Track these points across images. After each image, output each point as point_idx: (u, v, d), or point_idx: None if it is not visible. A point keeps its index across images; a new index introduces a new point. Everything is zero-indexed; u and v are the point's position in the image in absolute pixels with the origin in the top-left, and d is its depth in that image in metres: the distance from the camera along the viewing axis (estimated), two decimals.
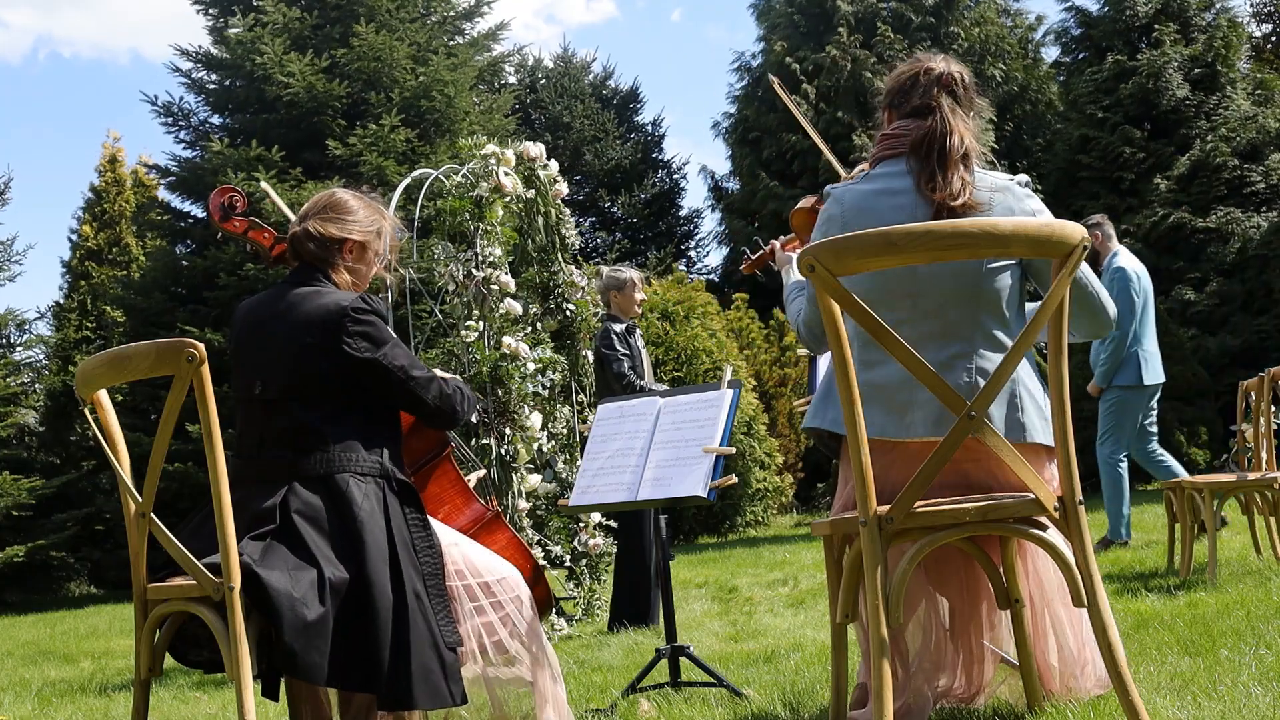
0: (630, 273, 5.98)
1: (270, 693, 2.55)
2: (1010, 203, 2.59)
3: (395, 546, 2.47)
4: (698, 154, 42.68)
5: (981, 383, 2.47)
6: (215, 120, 14.66)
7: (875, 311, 2.40)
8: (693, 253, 24.19)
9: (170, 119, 14.47)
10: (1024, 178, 2.68)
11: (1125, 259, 6.49)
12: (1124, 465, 6.44)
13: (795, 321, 2.86)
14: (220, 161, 12.68)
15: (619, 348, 5.81)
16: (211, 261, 12.71)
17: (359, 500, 2.48)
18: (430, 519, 2.65)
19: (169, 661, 2.66)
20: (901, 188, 2.58)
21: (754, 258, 3.72)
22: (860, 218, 2.57)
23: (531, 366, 5.54)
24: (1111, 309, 2.68)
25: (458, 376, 2.81)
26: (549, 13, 41.15)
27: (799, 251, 2.28)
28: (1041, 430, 2.53)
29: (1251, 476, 4.89)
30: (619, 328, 5.89)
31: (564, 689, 2.82)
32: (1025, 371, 2.59)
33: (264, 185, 3.27)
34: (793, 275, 3.11)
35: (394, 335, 2.64)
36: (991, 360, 2.51)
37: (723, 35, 43.93)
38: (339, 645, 2.36)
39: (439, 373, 2.78)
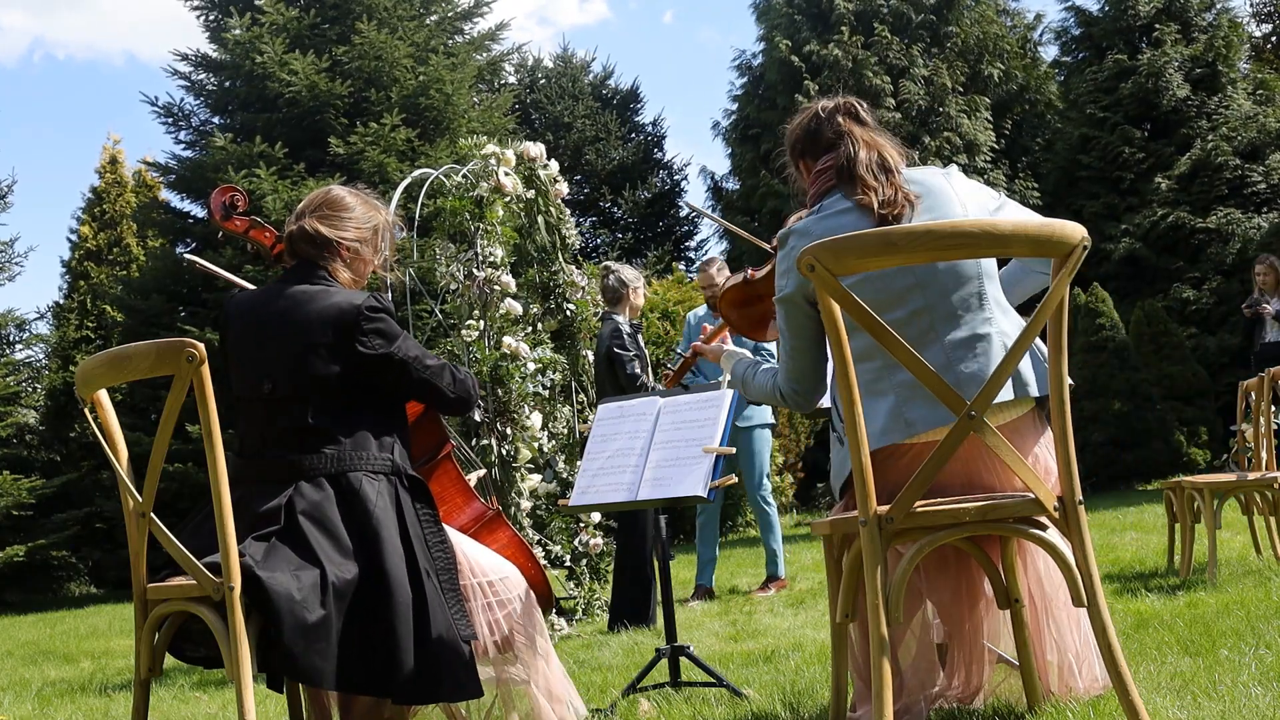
0: (637, 272, 6.08)
1: (276, 685, 2.55)
2: (958, 184, 2.68)
3: (410, 543, 2.48)
4: (693, 156, 42.69)
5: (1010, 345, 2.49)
6: (216, 120, 14.67)
7: (889, 311, 2.43)
8: (693, 253, 24.19)
9: (171, 119, 14.47)
10: (954, 166, 2.78)
11: None
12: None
13: (770, 389, 2.81)
14: (223, 158, 12.69)
15: (630, 348, 5.84)
16: (211, 261, 12.69)
17: (373, 498, 2.48)
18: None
19: (169, 661, 2.66)
20: (848, 207, 2.63)
21: (675, 369, 3.65)
22: (830, 238, 2.59)
23: (531, 366, 5.54)
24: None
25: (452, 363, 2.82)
26: (541, 14, 41.16)
27: (798, 255, 2.27)
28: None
29: (1251, 476, 4.89)
30: (626, 326, 5.92)
31: (569, 685, 2.82)
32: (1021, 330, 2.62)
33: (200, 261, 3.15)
34: (735, 355, 3.06)
35: (404, 330, 2.65)
36: (1006, 323, 2.58)
37: (715, 37, 43.94)
38: (353, 649, 2.36)
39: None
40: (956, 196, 2.63)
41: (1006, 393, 2.51)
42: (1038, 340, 2.59)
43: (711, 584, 6.52)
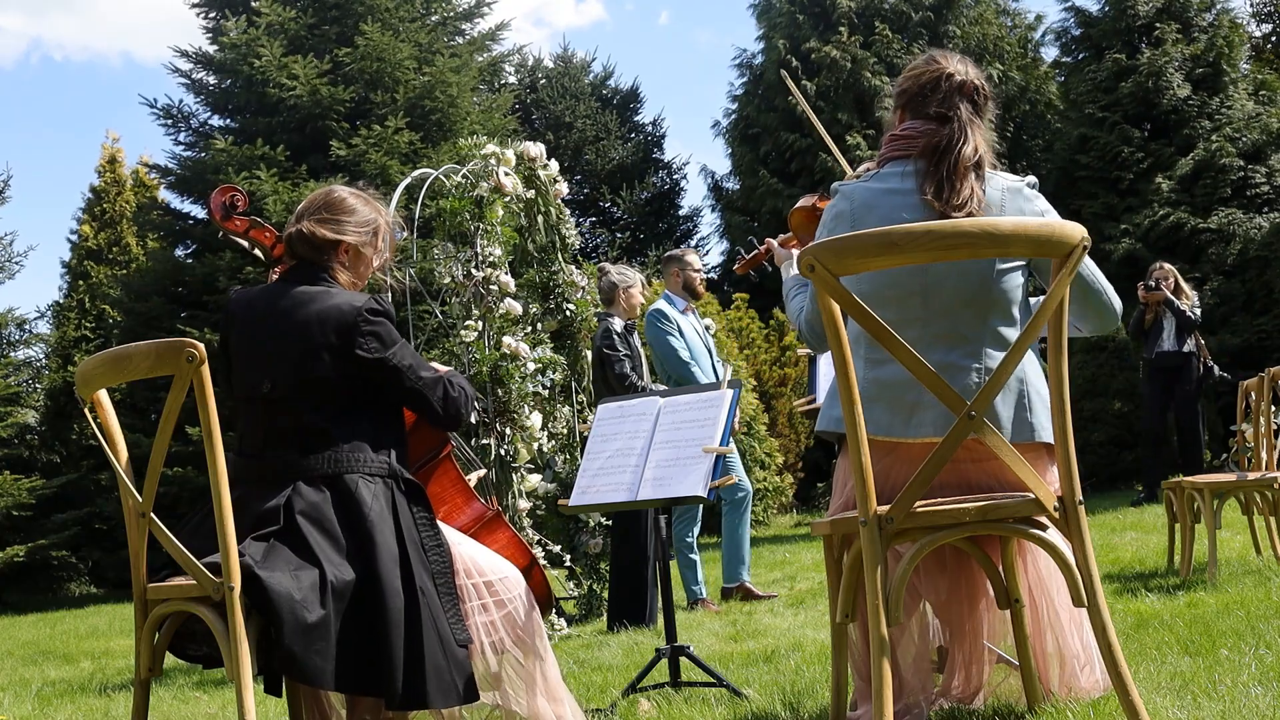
0: (634, 273, 6.06)
1: (273, 689, 2.55)
2: (1020, 204, 2.59)
3: (405, 547, 2.48)
4: (691, 156, 42.54)
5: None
6: (216, 121, 14.68)
7: (887, 308, 2.40)
8: (696, 249, 24.18)
9: (170, 121, 14.48)
10: (1032, 179, 2.67)
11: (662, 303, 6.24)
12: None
13: (796, 319, 2.84)
14: (223, 160, 12.68)
15: (620, 348, 5.84)
16: (210, 264, 12.71)
17: (369, 501, 2.48)
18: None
19: (169, 661, 2.66)
20: (908, 188, 2.56)
21: (748, 256, 3.68)
22: (868, 213, 2.56)
23: (531, 366, 5.54)
24: (1117, 303, 2.67)
25: (454, 370, 2.81)
26: (537, 15, 41.12)
27: (799, 250, 2.27)
28: (1050, 429, 2.51)
29: (1251, 476, 4.89)
30: (619, 327, 5.92)
31: (565, 687, 2.82)
32: (1033, 370, 2.58)
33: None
34: (792, 271, 3.08)
35: (401, 337, 2.64)
36: (998, 359, 2.49)
37: (712, 38, 43.89)
38: (348, 649, 2.36)
39: (440, 367, 2.78)
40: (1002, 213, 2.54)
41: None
42: (1038, 384, 2.56)
43: (703, 593, 6.09)
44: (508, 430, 5.46)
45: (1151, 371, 9.39)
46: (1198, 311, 9.25)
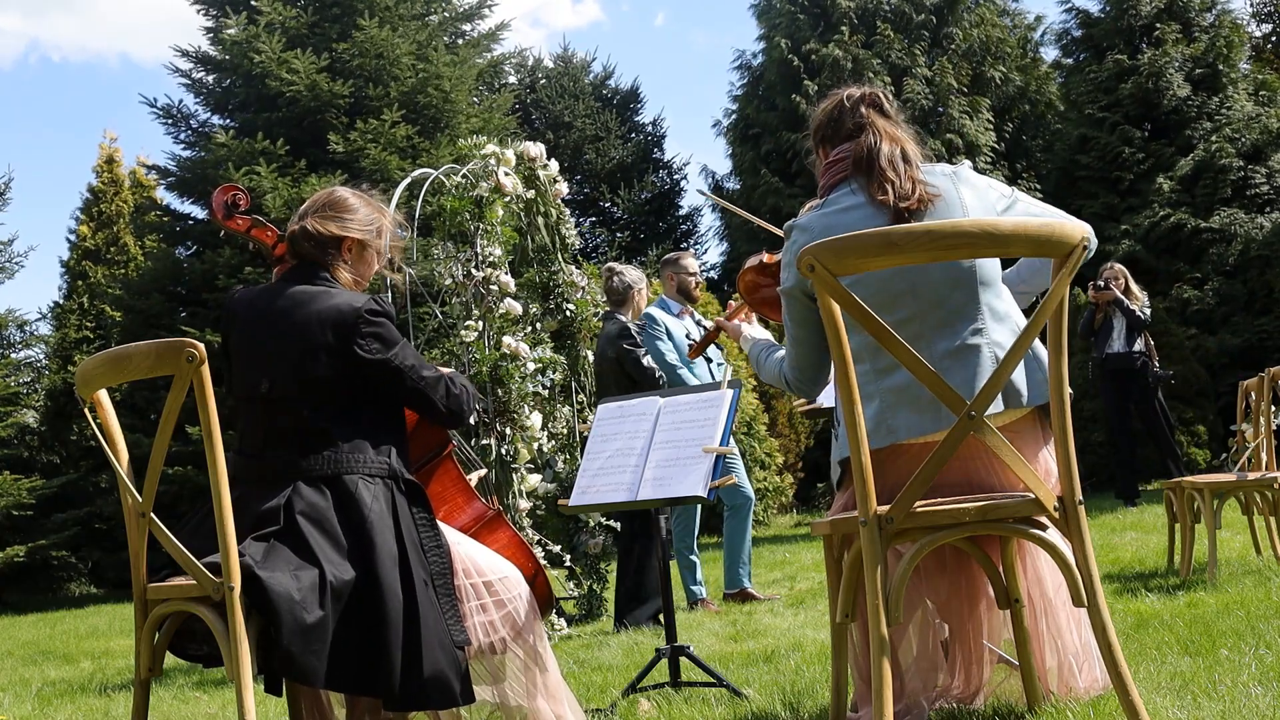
0: (640, 273, 6.08)
1: (273, 689, 2.55)
2: (973, 184, 2.66)
3: (405, 547, 2.48)
4: (692, 156, 42.53)
5: (1002, 356, 2.47)
6: (216, 120, 14.68)
7: (881, 314, 2.42)
8: (693, 250, 24.16)
9: (170, 121, 14.48)
10: (967, 163, 2.75)
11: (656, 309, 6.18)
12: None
13: (778, 374, 2.88)
14: (224, 155, 12.68)
15: (642, 345, 5.81)
16: (210, 263, 12.71)
17: (368, 501, 2.48)
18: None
19: (169, 661, 2.66)
20: (856, 203, 2.63)
21: (699, 343, 3.73)
22: (829, 236, 2.58)
23: (531, 366, 5.54)
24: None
25: (455, 370, 2.81)
26: (535, 16, 41.10)
27: (798, 254, 2.27)
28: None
29: (1251, 476, 4.89)
30: (634, 326, 5.92)
31: (565, 688, 2.82)
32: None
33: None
34: (753, 336, 3.16)
35: (403, 337, 2.65)
36: (999, 333, 2.55)
37: (708, 39, 43.90)
38: (345, 649, 2.36)
39: (441, 368, 2.79)
40: (960, 202, 2.61)
41: (996, 405, 2.49)
42: (1036, 346, 2.59)
43: (703, 593, 6.05)
44: (508, 430, 5.46)
45: (1104, 373, 9.27)
46: (1147, 312, 9.16)
